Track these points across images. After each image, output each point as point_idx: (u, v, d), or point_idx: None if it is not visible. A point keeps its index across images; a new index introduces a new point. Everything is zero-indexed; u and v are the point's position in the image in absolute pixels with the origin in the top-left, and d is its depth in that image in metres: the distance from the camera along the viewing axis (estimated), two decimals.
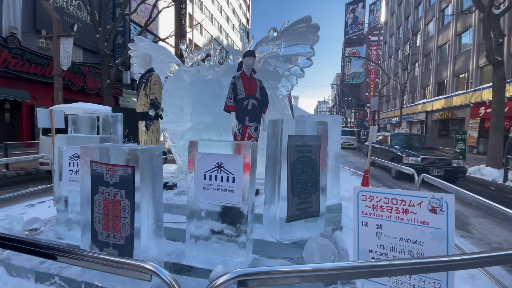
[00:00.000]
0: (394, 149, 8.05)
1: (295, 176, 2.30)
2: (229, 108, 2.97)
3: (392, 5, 34.99)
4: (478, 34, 17.29)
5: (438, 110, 21.62)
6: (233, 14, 41.52)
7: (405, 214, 1.49)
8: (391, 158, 7.83)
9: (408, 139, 8.96)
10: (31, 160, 5.36)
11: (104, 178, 1.94)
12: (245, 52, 3.05)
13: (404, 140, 8.73)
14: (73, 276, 2.07)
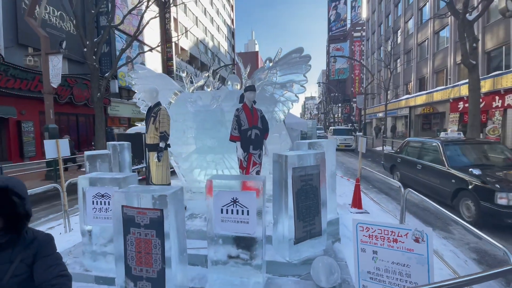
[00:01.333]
0: (462, 172, 4.67)
1: (300, 203, 2.63)
2: (234, 139, 3.26)
3: (373, 3, 35.91)
4: (454, 32, 18.18)
5: (420, 105, 22.60)
6: (217, 15, 41.39)
7: (395, 242, 1.85)
8: (456, 189, 4.70)
9: (474, 151, 5.62)
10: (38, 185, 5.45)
11: (135, 220, 2.20)
12: (246, 87, 3.34)
13: (470, 153, 5.50)
14: None
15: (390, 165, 7.60)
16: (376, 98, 33.88)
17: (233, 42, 52.01)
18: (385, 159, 8.21)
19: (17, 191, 1.09)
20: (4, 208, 1.05)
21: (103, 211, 2.71)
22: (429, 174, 5.61)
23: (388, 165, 7.75)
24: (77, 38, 14.07)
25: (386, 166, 7.94)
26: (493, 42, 14.72)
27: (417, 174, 6.08)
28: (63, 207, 4.34)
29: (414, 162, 6.25)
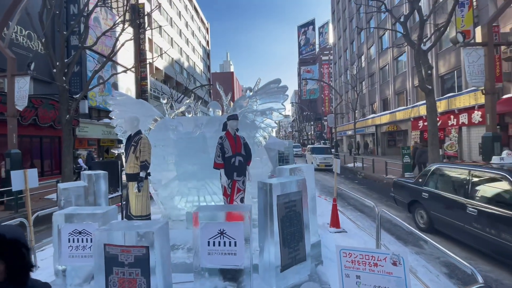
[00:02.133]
0: None
1: (285, 230, 2.71)
2: (218, 166, 3.31)
3: (338, 30, 38.97)
4: (411, 58, 20.23)
5: (385, 123, 24.33)
6: (192, 36, 42.09)
7: (376, 266, 1.98)
8: None
9: None
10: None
11: (119, 259, 2.12)
12: (228, 116, 3.46)
13: None
14: None
15: (409, 201, 5.50)
16: (345, 117, 35.86)
17: (209, 63, 52.80)
18: (397, 191, 6.11)
19: (24, 242, 1.07)
20: (14, 260, 1.02)
21: (80, 249, 2.56)
22: (495, 225, 3.55)
23: (405, 200, 5.67)
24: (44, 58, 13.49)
25: (401, 201, 5.90)
26: (446, 67, 16.60)
27: (469, 222, 3.96)
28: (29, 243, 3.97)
29: (460, 204, 4.18)
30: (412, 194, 5.48)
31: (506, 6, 6.95)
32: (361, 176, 14.09)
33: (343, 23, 36.25)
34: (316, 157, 15.84)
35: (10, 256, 1.04)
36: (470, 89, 13.78)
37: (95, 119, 19.02)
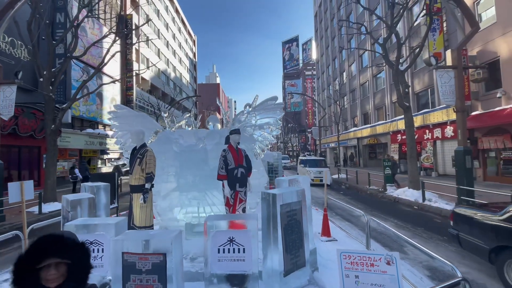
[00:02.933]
0: None
1: (287, 237, 2.93)
2: (222, 178, 3.51)
3: (321, 47, 40.81)
4: (389, 75, 21.61)
5: (366, 136, 25.46)
6: (179, 48, 42.37)
7: (372, 266, 2.25)
8: None
9: None
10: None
11: (136, 266, 2.24)
12: (231, 130, 3.70)
13: None
14: None
15: (493, 246, 3.52)
16: (328, 130, 37.06)
17: (195, 74, 53.05)
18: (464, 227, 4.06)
19: (87, 246, 1.22)
20: (78, 261, 1.16)
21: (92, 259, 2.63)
22: None
23: (485, 244, 3.63)
24: (26, 65, 13.16)
25: (475, 244, 3.81)
26: (421, 85, 17.88)
27: None
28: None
29: None
30: (500, 236, 3.46)
31: (473, 33, 7.82)
32: (346, 186, 14.60)
33: (325, 41, 38.09)
34: (311, 170, 14.36)
35: (76, 258, 1.19)
36: (442, 106, 14.93)
37: (78, 129, 18.48)
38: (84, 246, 1.22)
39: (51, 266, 1.13)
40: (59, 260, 1.14)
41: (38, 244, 1.12)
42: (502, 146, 11.69)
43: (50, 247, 1.13)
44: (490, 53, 12.18)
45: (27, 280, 1.12)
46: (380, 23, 20.67)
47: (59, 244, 1.14)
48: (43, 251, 1.11)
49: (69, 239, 1.20)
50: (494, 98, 11.94)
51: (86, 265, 1.21)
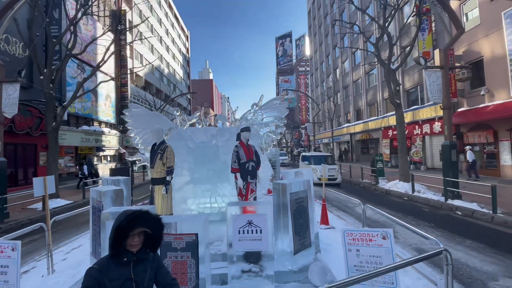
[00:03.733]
0: None
1: (296, 221, 3.36)
2: (235, 170, 3.90)
3: (315, 44, 41.23)
4: (381, 73, 22.26)
5: (359, 132, 26.18)
6: (172, 44, 42.07)
7: (370, 241, 2.70)
8: None
9: None
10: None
11: (172, 245, 2.62)
12: (242, 128, 4.08)
13: None
14: None
15: None
16: (322, 126, 37.74)
17: (189, 70, 52.78)
18: None
19: (162, 220, 1.58)
20: (157, 231, 1.54)
21: None
22: None
23: None
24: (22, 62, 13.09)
25: None
26: (411, 82, 18.55)
27: None
28: (47, 247, 4.19)
29: None
30: None
31: (458, 36, 8.36)
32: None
33: (319, 38, 38.53)
34: (317, 168, 12.63)
35: (154, 229, 1.56)
36: (431, 103, 15.62)
37: (74, 126, 18.43)
38: (160, 220, 1.59)
39: (135, 234, 1.50)
40: (144, 229, 1.51)
41: (131, 217, 1.49)
42: (485, 141, 12.44)
43: (140, 219, 1.50)
44: (474, 53, 12.84)
45: (119, 245, 1.49)
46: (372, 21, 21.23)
47: (145, 217, 1.52)
48: (135, 222, 1.48)
49: (151, 214, 1.58)
50: (478, 96, 12.64)
51: (160, 235, 1.58)
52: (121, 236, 1.47)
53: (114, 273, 1.49)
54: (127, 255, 1.50)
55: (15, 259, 2.80)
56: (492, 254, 4.30)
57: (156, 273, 1.61)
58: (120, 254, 1.50)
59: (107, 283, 1.46)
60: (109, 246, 1.51)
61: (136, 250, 1.52)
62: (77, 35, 10.37)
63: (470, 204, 7.17)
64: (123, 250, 1.51)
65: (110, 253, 1.52)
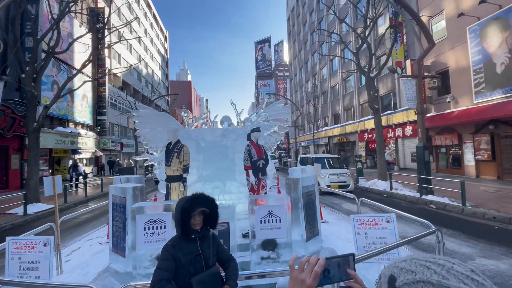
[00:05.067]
0: None
1: (307, 212, 3.74)
2: (248, 168, 4.20)
3: (294, 50, 42.55)
4: (357, 80, 23.67)
5: (336, 135, 27.47)
6: (151, 44, 41.12)
7: (376, 225, 3.15)
8: None
9: None
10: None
11: None
12: (252, 129, 4.40)
13: None
14: None
15: None
16: (302, 129, 38.92)
17: (167, 71, 51.73)
18: None
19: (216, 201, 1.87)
20: (215, 211, 1.82)
21: (155, 235, 3.17)
22: None
23: None
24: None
25: None
26: (384, 89, 19.96)
27: None
28: (56, 247, 4.16)
29: None
30: None
31: (430, 49, 9.39)
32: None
33: (298, 44, 39.87)
34: (325, 173, 10.53)
35: (212, 209, 1.85)
36: (403, 108, 16.99)
37: (48, 128, 17.40)
38: (214, 200, 1.89)
39: (196, 214, 1.78)
40: (205, 209, 1.80)
41: (191, 199, 1.77)
42: (451, 143, 13.84)
43: (198, 200, 1.79)
44: (441, 63, 14.29)
45: (186, 225, 1.76)
46: (349, 30, 22.56)
47: (202, 198, 1.81)
48: (195, 203, 1.76)
49: (206, 195, 1.87)
50: (444, 102, 14.06)
51: (216, 212, 1.87)
52: (186, 217, 1.75)
53: (185, 249, 1.76)
54: (193, 233, 1.78)
55: (47, 254, 2.87)
56: (467, 239, 5.02)
57: (217, 249, 1.89)
58: (188, 233, 1.78)
59: (181, 257, 1.73)
60: (177, 226, 1.78)
61: (199, 228, 1.81)
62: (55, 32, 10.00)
63: (442, 198, 8.07)
64: (189, 229, 1.79)
65: (180, 232, 1.79)
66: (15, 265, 2.85)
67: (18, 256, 2.87)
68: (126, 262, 3.47)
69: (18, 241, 2.90)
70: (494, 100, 11.15)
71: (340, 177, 10.47)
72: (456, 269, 0.46)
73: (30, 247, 2.88)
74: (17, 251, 2.87)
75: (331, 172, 10.57)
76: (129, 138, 31.45)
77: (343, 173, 10.62)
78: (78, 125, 21.35)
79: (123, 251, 3.48)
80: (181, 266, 1.69)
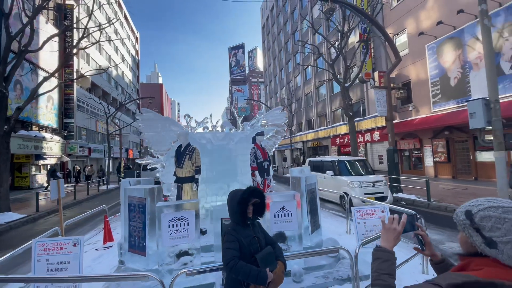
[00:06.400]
0: None
1: (310, 207, 4.20)
2: (254, 168, 4.55)
3: (269, 58, 43.77)
4: (329, 89, 25.20)
5: (310, 140, 28.80)
6: (122, 44, 39.49)
7: (373, 215, 3.71)
8: None
9: None
10: None
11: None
12: (257, 133, 4.78)
13: None
14: None
15: None
16: None
17: (138, 73, 49.86)
18: None
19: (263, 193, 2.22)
20: (263, 202, 2.16)
21: (179, 232, 3.37)
22: None
23: None
24: None
25: None
26: (355, 97, 21.48)
27: None
28: None
29: None
30: None
31: (398, 62, 10.62)
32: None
33: (273, 52, 41.14)
34: (356, 181, 7.96)
35: (262, 198, 2.21)
36: (371, 115, 18.55)
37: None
38: (263, 193, 2.25)
39: (250, 204, 2.14)
40: (257, 199, 2.16)
41: (249, 191, 2.12)
42: (413, 147, 15.47)
43: (253, 193, 2.14)
44: (404, 76, 15.98)
45: (244, 211, 2.10)
46: (321, 41, 24.04)
47: (256, 191, 2.16)
48: (251, 194, 2.11)
49: (259, 189, 2.22)
50: (407, 111, 15.71)
51: (264, 203, 2.23)
52: (244, 206, 2.09)
53: (243, 233, 2.10)
54: (249, 220, 2.12)
55: (77, 254, 2.94)
56: (436, 228, 5.87)
57: (264, 233, 2.25)
58: (245, 219, 2.12)
59: (242, 240, 2.06)
60: (235, 214, 2.11)
61: (251, 216, 2.16)
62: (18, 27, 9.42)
63: (409, 195, 9.12)
64: (246, 216, 2.13)
65: (237, 219, 2.12)
66: (42, 267, 2.88)
67: (46, 257, 2.90)
68: (147, 260, 3.61)
69: (45, 243, 2.92)
70: (449, 109, 12.82)
71: (376, 186, 7.90)
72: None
73: (59, 248, 2.92)
74: (44, 252, 2.90)
75: (364, 180, 7.96)
76: (98, 142, 29.72)
77: (378, 180, 8.02)
78: (43, 129, 19.81)
79: (143, 250, 3.62)
80: (243, 247, 2.01)
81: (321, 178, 9.01)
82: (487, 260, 0.86)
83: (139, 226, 3.67)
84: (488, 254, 0.85)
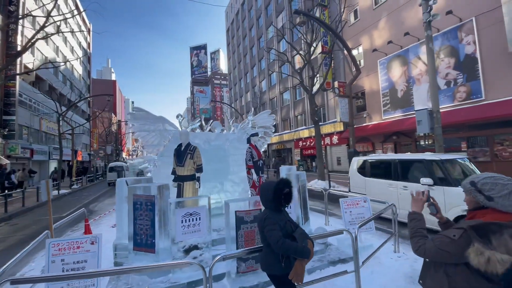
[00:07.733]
0: None
1: (303, 201, 4.72)
2: (250, 167, 4.90)
3: (233, 61, 44.14)
4: (293, 94, 26.60)
5: (275, 143, 29.92)
6: (72, 35, 35.87)
7: (357, 204, 4.39)
8: None
9: None
10: None
11: (244, 219, 3.49)
12: (252, 134, 5.14)
13: None
14: None
15: None
16: None
17: (89, 68, 45.67)
18: None
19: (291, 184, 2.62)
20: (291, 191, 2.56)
21: (191, 227, 3.56)
22: None
23: None
24: None
25: None
26: (317, 103, 23.15)
27: None
28: None
29: None
30: None
31: (358, 74, 11.99)
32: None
33: (237, 56, 41.63)
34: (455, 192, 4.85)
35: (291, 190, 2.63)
36: (331, 121, 20.22)
37: None
38: (291, 183, 2.66)
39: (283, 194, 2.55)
40: (288, 190, 2.57)
41: (284, 181, 2.52)
42: (366, 150, 17.36)
43: (286, 183, 2.55)
44: (360, 86, 17.88)
45: (279, 199, 2.50)
46: (286, 48, 25.33)
47: (288, 182, 2.58)
48: (285, 185, 2.52)
49: (290, 181, 2.64)
50: (362, 117, 17.59)
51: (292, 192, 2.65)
52: (280, 194, 2.48)
53: (278, 218, 2.48)
54: (282, 206, 2.52)
55: (95, 252, 2.93)
56: None
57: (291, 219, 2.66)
58: (279, 206, 2.51)
59: (279, 223, 2.44)
60: (271, 202, 2.48)
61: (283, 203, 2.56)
62: None
63: None
64: (280, 204, 2.52)
65: (273, 206, 2.50)
66: (57, 267, 2.81)
67: (61, 258, 2.84)
68: (155, 257, 3.69)
69: (60, 243, 2.86)
70: (397, 117, 14.81)
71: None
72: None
73: (75, 247, 2.88)
74: (59, 252, 2.84)
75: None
76: (42, 143, 26.47)
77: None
78: None
79: (151, 247, 3.69)
80: (281, 229, 2.38)
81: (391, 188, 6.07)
82: (488, 210, 1.41)
83: (146, 224, 3.73)
84: (488, 206, 1.40)
